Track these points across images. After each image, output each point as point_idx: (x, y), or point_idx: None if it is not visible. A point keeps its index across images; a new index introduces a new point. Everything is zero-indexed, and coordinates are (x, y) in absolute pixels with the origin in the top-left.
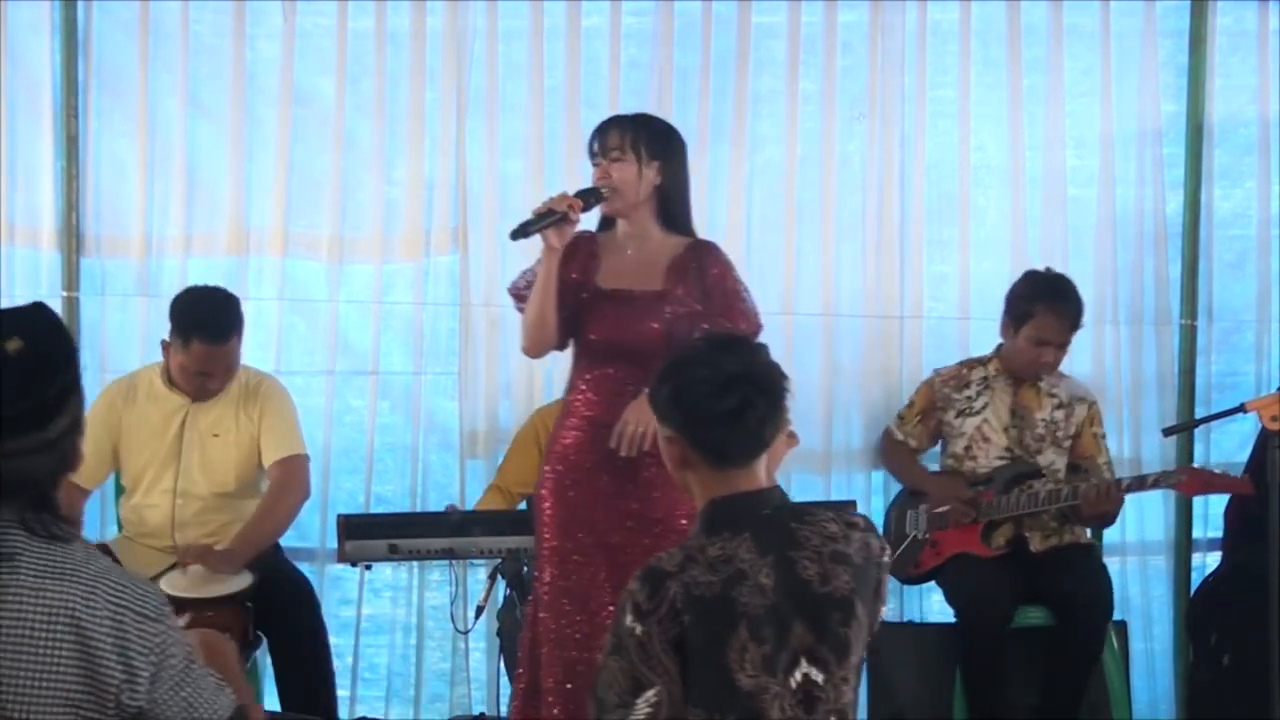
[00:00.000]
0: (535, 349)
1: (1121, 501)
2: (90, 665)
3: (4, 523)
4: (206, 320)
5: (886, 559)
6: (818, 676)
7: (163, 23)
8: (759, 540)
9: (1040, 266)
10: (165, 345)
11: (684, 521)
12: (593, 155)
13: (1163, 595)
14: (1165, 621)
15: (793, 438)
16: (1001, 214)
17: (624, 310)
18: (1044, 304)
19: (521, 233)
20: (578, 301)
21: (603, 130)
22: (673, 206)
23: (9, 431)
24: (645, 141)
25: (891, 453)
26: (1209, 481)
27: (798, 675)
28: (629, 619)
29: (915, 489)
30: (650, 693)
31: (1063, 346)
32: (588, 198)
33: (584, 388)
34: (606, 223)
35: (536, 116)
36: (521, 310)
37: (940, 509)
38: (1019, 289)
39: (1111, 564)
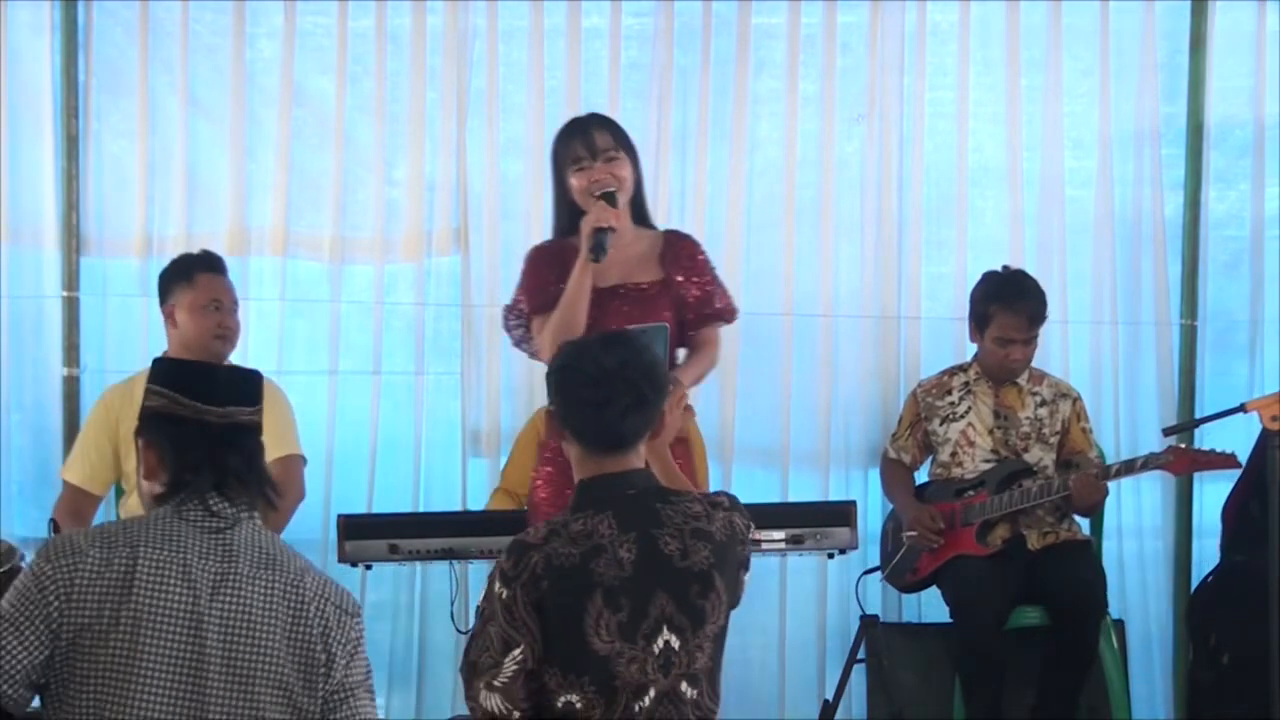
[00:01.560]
0: None
1: (1106, 490)
2: (301, 650)
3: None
4: (201, 256)
5: (751, 535)
6: (675, 643)
7: (162, 23)
8: (621, 518)
9: (1039, 266)
10: (169, 312)
11: None
12: (575, 160)
13: (1162, 595)
14: (1164, 620)
15: (688, 411)
16: (1000, 215)
17: (633, 304)
18: (999, 304)
19: (602, 251)
20: None
21: (585, 133)
22: (642, 200)
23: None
24: (624, 139)
25: (886, 473)
26: (1196, 460)
27: (660, 642)
28: (498, 585)
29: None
30: (516, 651)
31: (1028, 343)
32: (612, 201)
33: None
34: (572, 226)
35: (537, 117)
36: (514, 327)
37: (910, 533)
38: (976, 293)
39: (1110, 563)
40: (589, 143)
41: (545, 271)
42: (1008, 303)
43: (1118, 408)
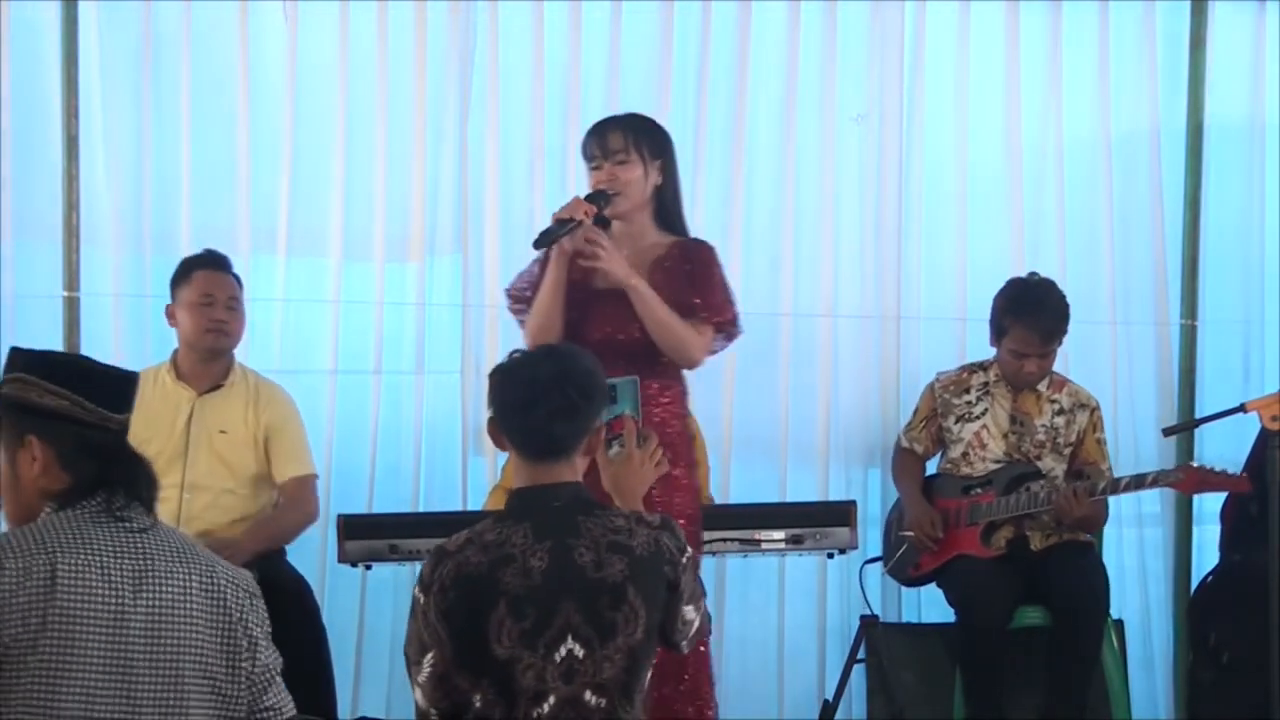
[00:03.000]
0: None
1: (1105, 507)
2: (224, 636)
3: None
4: (203, 255)
5: (685, 559)
6: (580, 652)
7: (163, 22)
8: (538, 528)
9: (1039, 266)
10: (170, 312)
11: (681, 521)
12: (590, 158)
13: (1162, 595)
14: (1164, 621)
15: (660, 465)
16: (1001, 214)
17: (618, 310)
18: (1014, 318)
19: (545, 241)
20: (575, 303)
21: (601, 133)
22: (669, 206)
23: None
24: (647, 142)
25: (896, 461)
26: (1207, 479)
27: (562, 650)
28: (417, 589)
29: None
30: (430, 654)
31: (1044, 357)
32: (597, 201)
33: None
34: (601, 223)
35: (538, 117)
36: (516, 312)
37: (907, 533)
38: (998, 300)
39: (1111, 563)
40: (602, 143)
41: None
42: (1023, 317)
43: (1117, 407)
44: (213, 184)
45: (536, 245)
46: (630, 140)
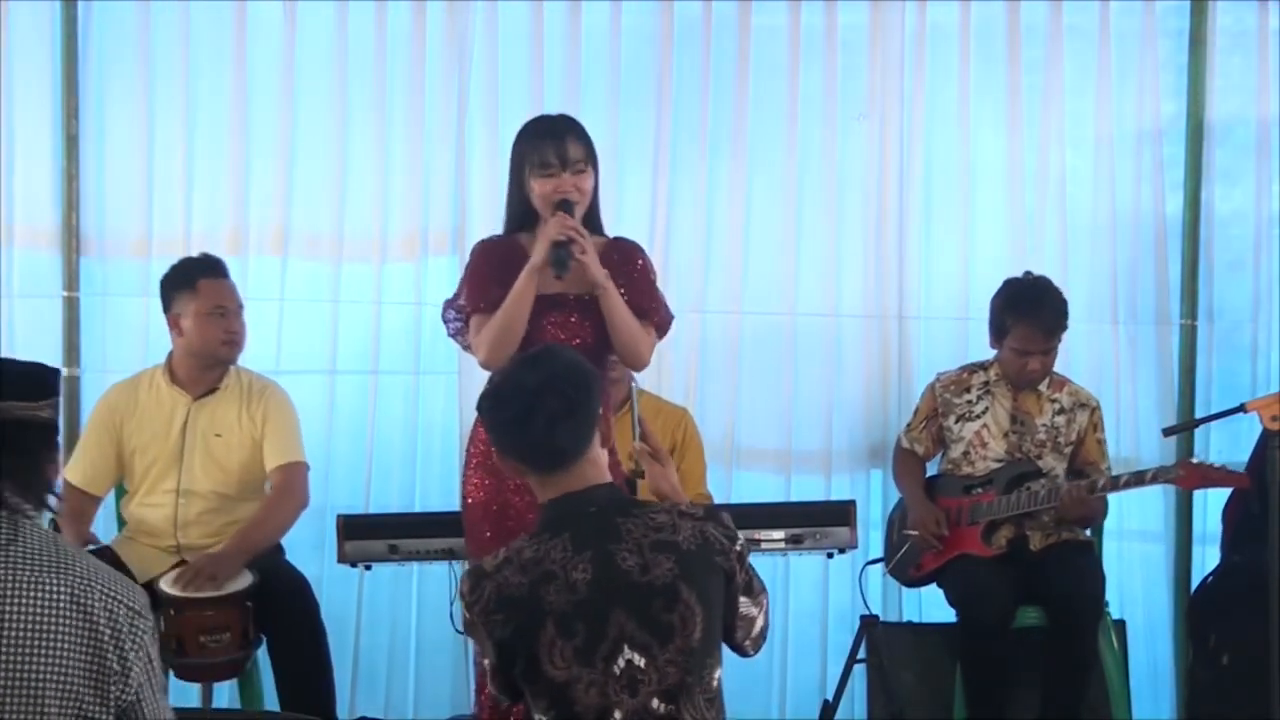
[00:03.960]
0: (497, 362)
1: (1104, 503)
2: (93, 658)
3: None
4: (202, 261)
5: (738, 547)
6: (640, 661)
7: (162, 22)
8: (577, 538)
9: (1040, 266)
10: (174, 320)
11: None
12: (546, 165)
13: (1163, 595)
14: (1165, 621)
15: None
16: (1001, 214)
17: (566, 316)
18: (1016, 316)
19: (563, 265)
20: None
21: (560, 141)
22: (597, 209)
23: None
24: (592, 150)
25: (897, 462)
26: (1207, 475)
27: (620, 662)
28: (464, 606)
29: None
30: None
31: (1047, 354)
32: (569, 212)
33: None
34: (524, 224)
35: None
36: (453, 333)
37: (911, 531)
38: (996, 301)
39: (1111, 563)
40: (561, 151)
41: (489, 270)
42: (1025, 314)
43: (1119, 407)
44: (211, 184)
45: (559, 275)
46: (585, 150)
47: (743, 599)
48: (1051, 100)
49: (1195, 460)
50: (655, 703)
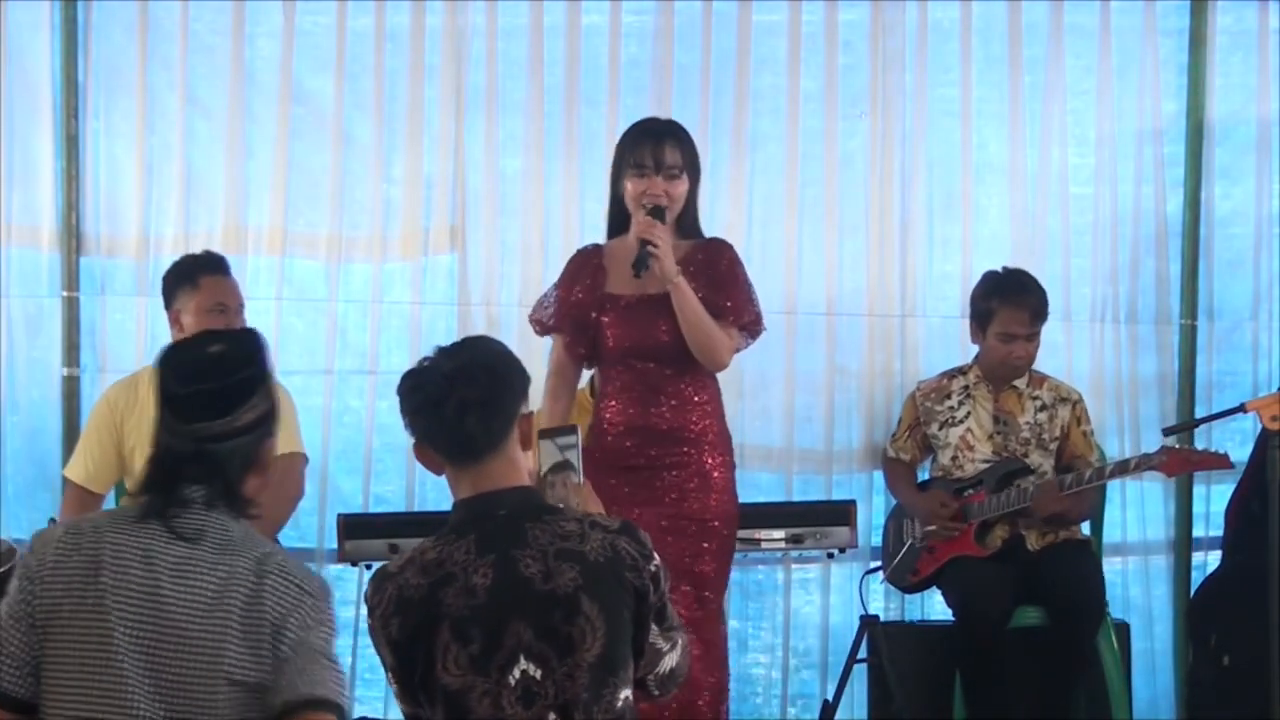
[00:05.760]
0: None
1: (1098, 498)
2: (250, 633)
3: (194, 507)
4: (204, 258)
5: (653, 567)
6: (535, 672)
7: (162, 22)
8: (481, 541)
9: (1040, 265)
10: (175, 316)
11: (716, 523)
12: (641, 167)
13: (1163, 595)
14: (1165, 621)
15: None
16: (1002, 212)
17: (637, 315)
18: (1001, 299)
19: (642, 265)
20: (589, 318)
21: (658, 143)
22: (691, 214)
23: (197, 413)
24: (692, 158)
25: (888, 472)
26: (1189, 459)
27: (516, 672)
28: (366, 611)
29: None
30: (388, 674)
31: (1031, 338)
32: (660, 218)
33: (609, 397)
34: (620, 228)
35: (536, 115)
36: (542, 334)
37: (929, 528)
38: (977, 291)
39: (1112, 564)
40: (658, 155)
41: (573, 281)
42: (1010, 298)
43: (1120, 407)
44: (211, 184)
45: (637, 274)
46: (682, 156)
47: (654, 626)
48: (1052, 99)
49: (1177, 445)
50: (551, 717)
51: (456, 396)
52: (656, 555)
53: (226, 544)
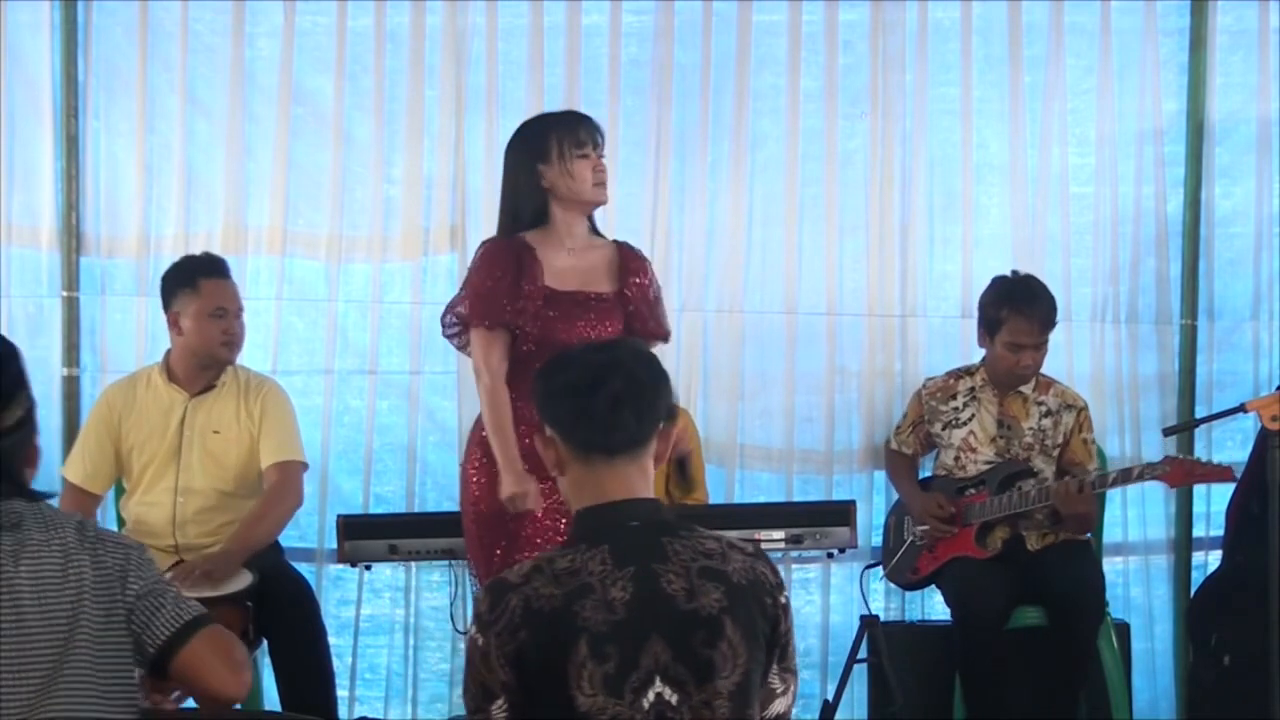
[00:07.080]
0: None
1: (1094, 502)
2: (102, 593)
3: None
4: (204, 260)
5: (783, 599)
6: (672, 698)
7: (162, 22)
8: (618, 552)
9: (1040, 265)
10: (174, 318)
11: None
12: (581, 145)
13: (1163, 595)
14: (1166, 621)
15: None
16: (1003, 212)
17: (583, 313)
18: (1010, 308)
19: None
20: (532, 306)
21: (590, 124)
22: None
23: None
24: None
25: (889, 463)
26: (1192, 471)
27: (650, 695)
28: (474, 630)
29: (905, 500)
30: (499, 701)
31: (1039, 348)
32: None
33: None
34: (538, 219)
35: (535, 115)
36: (451, 339)
37: (921, 527)
38: (986, 297)
39: (1112, 564)
40: (592, 132)
41: (494, 281)
42: (1019, 307)
43: (1119, 407)
44: (211, 184)
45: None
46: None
47: (776, 665)
48: (1053, 98)
49: (1181, 456)
50: None
51: (611, 388)
52: (784, 586)
53: (46, 522)
